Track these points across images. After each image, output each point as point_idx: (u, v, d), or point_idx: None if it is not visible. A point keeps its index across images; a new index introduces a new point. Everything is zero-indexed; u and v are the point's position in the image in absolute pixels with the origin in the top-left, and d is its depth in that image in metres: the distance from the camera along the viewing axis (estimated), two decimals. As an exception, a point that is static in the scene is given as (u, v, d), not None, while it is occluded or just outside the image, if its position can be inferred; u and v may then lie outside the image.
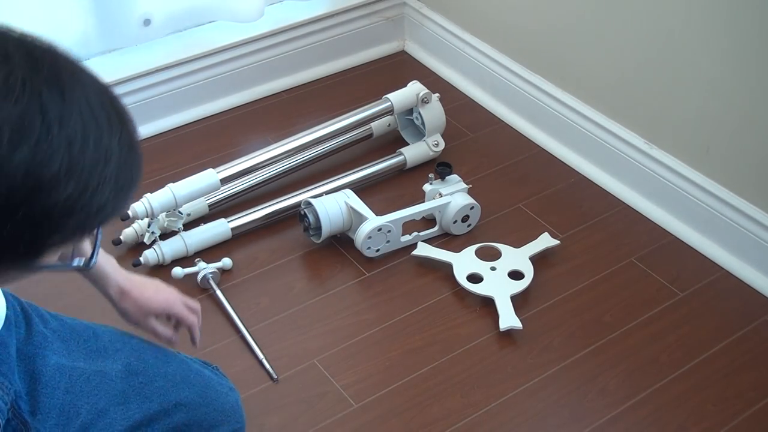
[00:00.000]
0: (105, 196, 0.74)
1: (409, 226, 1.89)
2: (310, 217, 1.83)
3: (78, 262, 0.83)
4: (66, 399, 1.19)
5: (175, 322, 1.37)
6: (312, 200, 1.84)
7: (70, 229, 0.74)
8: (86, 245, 0.84)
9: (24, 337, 1.17)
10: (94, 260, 0.85)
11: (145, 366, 1.28)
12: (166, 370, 1.30)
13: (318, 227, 1.83)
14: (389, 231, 1.83)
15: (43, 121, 0.68)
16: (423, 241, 1.89)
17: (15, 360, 1.15)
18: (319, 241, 1.85)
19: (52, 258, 0.78)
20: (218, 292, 1.76)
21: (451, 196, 1.89)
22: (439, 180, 1.93)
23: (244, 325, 1.70)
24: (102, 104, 0.74)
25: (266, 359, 1.64)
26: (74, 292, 1.53)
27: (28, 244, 0.72)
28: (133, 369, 1.27)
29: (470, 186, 1.93)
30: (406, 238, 1.88)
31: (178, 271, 1.77)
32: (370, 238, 1.81)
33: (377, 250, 1.84)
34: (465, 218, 1.91)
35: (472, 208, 1.90)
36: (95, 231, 0.81)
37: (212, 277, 1.77)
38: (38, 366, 1.17)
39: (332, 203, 1.84)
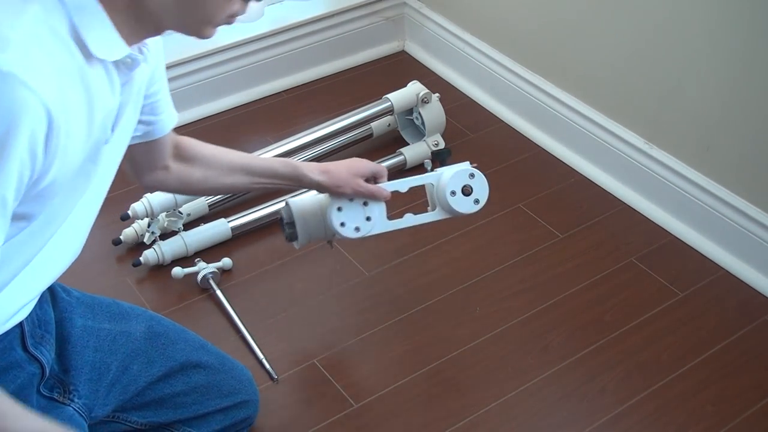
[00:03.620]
0: None
1: (401, 209, 1.67)
2: (285, 221, 1.55)
3: None
4: (96, 357, 1.28)
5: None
6: (290, 201, 1.56)
7: None
8: None
9: (51, 305, 1.24)
10: None
11: (166, 330, 1.38)
12: (186, 336, 1.41)
13: (294, 234, 1.54)
14: (365, 204, 1.48)
15: None
16: (419, 224, 1.55)
17: (54, 330, 1.22)
18: (298, 247, 1.57)
19: None
20: (218, 292, 1.76)
21: (447, 167, 1.56)
22: (439, 165, 1.61)
23: (244, 325, 1.70)
24: None
25: (266, 359, 1.64)
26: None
27: None
28: (155, 331, 1.35)
29: (476, 166, 1.57)
30: (399, 222, 1.53)
31: (178, 271, 1.77)
32: (340, 209, 1.46)
33: (356, 229, 1.47)
34: (467, 191, 1.54)
35: (472, 176, 1.52)
36: None
37: (212, 277, 1.77)
38: (66, 329, 1.25)
39: (311, 204, 1.54)
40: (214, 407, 1.38)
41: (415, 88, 2.08)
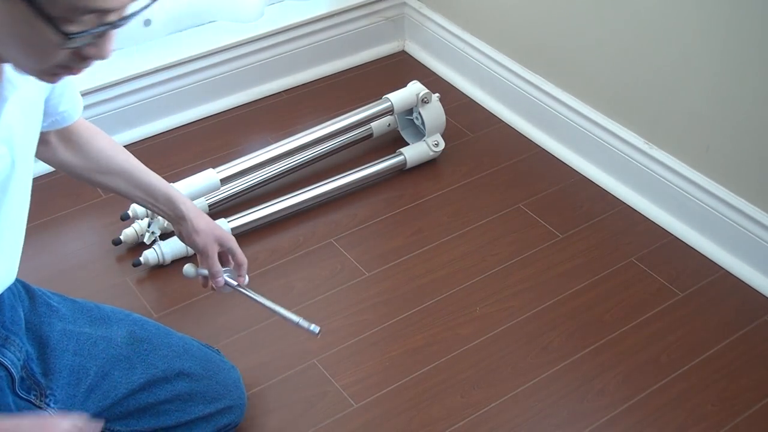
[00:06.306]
0: None
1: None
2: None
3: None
4: (75, 360, 1.26)
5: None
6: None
7: None
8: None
9: (29, 307, 1.24)
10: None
11: (149, 335, 1.35)
12: (169, 341, 1.37)
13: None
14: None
15: None
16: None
17: (24, 324, 1.18)
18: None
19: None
20: (241, 289, 1.60)
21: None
22: None
23: (267, 298, 1.49)
24: None
25: (302, 319, 1.46)
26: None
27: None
28: (137, 336, 1.34)
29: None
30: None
31: (190, 269, 1.53)
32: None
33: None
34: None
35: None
36: None
37: (230, 276, 1.70)
38: (45, 332, 1.24)
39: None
40: (198, 414, 1.37)
41: (415, 88, 2.08)
